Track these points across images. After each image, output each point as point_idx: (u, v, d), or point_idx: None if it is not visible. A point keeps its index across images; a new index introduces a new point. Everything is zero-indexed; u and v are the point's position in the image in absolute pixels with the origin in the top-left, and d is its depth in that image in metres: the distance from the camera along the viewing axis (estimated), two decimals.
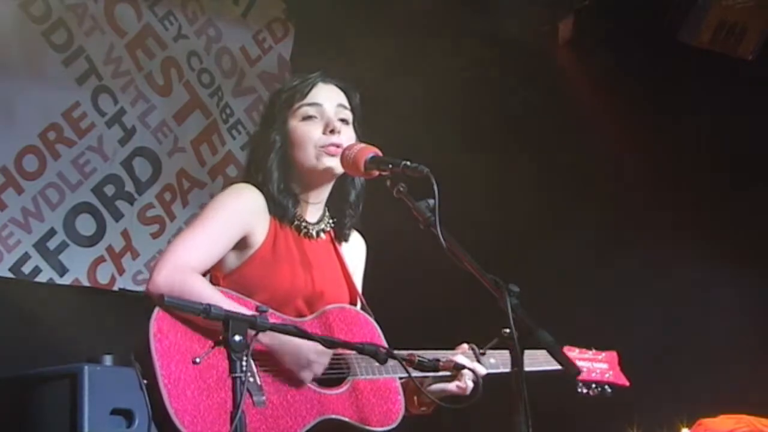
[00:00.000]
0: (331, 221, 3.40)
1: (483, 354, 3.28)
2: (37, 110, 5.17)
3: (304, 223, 3.32)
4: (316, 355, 3.07)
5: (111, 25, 5.43)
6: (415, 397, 3.28)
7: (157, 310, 3.00)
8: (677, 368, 6.28)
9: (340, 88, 3.37)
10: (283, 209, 3.25)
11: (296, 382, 3.08)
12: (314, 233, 3.34)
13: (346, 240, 3.43)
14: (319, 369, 3.10)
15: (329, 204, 3.40)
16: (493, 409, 2.95)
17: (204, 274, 3.19)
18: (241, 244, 3.21)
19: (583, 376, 3.54)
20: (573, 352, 3.59)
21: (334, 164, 3.24)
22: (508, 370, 2.83)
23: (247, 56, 5.92)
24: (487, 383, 3.11)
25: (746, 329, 6.33)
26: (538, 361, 3.16)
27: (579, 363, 3.54)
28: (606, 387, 3.59)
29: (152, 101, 5.53)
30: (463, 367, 3.17)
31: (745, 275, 6.40)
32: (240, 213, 3.20)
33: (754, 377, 6.03)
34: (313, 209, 3.35)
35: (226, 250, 3.19)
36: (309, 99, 3.30)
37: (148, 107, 5.51)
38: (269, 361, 3.05)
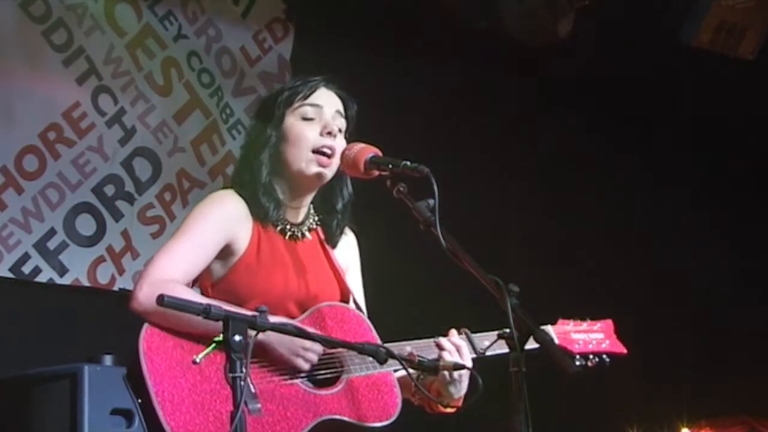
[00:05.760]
0: (316, 219, 3.39)
1: (483, 354, 3.28)
2: (37, 110, 5.16)
3: (288, 225, 3.30)
4: (309, 343, 3.06)
5: (111, 25, 5.43)
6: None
7: (145, 327, 2.99)
8: (678, 368, 6.29)
9: (340, 96, 3.38)
10: (264, 211, 3.23)
11: (289, 387, 3.07)
12: (300, 234, 3.32)
13: (335, 246, 3.41)
14: (312, 356, 3.08)
15: (313, 203, 3.38)
16: (493, 409, 2.96)
17: (191, 285, 3.18)
18: (225, 253, 3.20)
19: (579, 349, 3.54)
20: (567, 326, 3.60)
21: (323, 172, 3.25)
22: (504, 350, 2.83)
23: (247, 56, 5.91)
24: (487, 383, 3.11)
25: (747, 329, 6.34)
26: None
27: (574, 336, 3.57)
28: (604, 357, 3.59)
29: (152, 101, 5.52)
30: (463, 367, 3.16)
31: (747, 275, 6.41)
32: (221, 221, 3.19)
33: (755, 378, 6.04)
34: (296, 212, 3.34)
35: (209, 260, 3.18)
36: (310, 100, 3.31)
37: (148, 107, 5.51)
38: (262, 367, 3.04)
